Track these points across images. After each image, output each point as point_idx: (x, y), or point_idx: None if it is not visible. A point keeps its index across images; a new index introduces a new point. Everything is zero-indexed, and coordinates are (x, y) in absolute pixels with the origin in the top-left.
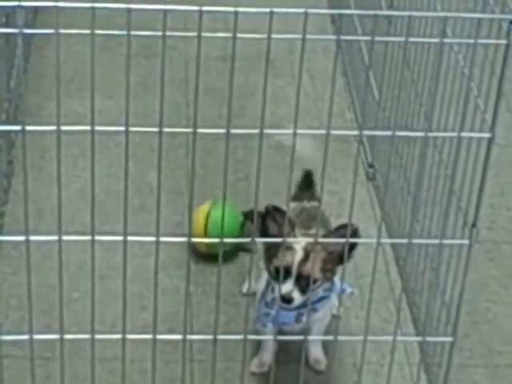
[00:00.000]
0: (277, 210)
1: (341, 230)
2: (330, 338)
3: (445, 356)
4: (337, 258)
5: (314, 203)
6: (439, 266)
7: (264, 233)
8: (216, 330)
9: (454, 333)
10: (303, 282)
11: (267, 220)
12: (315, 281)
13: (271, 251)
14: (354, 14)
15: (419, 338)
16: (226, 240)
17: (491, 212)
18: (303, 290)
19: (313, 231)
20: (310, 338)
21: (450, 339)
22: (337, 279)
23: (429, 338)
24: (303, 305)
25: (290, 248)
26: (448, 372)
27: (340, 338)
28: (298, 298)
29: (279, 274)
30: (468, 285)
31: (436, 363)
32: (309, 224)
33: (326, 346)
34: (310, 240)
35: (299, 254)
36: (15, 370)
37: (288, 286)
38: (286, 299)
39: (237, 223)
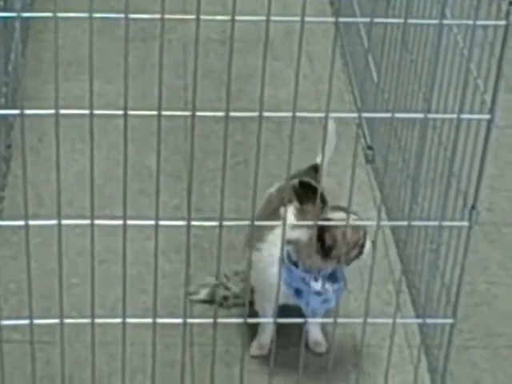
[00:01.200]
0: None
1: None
2: (330, 320)
3: (445, 338)
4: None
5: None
6: (439, 248)
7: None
8: (216, 313)
9: (454, 314)
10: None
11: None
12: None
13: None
14: None
15: (419, 320)
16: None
17: (491, 194)
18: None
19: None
20: (310, 320)
21: (450, 321)
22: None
23: (429, 320)
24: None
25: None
26: (448, 353)
27: (340, 320)
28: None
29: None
30: (468, 267)
31: (436, 345)
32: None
33: (325, 328)
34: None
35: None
36: (15, 354)
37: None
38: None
39: None
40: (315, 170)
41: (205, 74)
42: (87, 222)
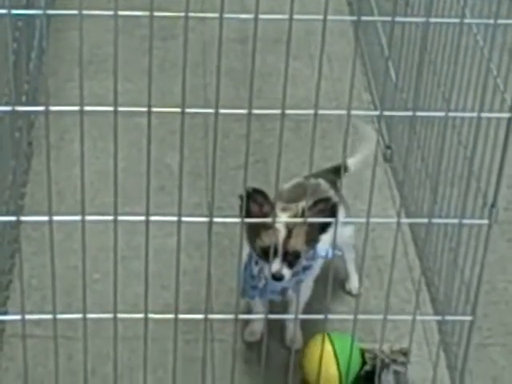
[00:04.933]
0: (256, 191)
1: (319, 205)
2: (350, 316)
3: (464, 335)
4: (319, 228)
5: (319, 181)
6: (458, 247)
7: (246, 214)
8: (237, 309)
9: (474, 312)
10: (290, 258)
11: (248, 201)
12: (300, 254)
13: (254, 231)
14: None
15: (439, 317)
16: None
17: (509, 193)
18: (291, 265)
19: (293, 205)
20: (301, 316)
21: (469, 318)
22: (318, 246)
23: (448, 317)
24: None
25: (272, 227)
26: (467, 351)
27: (360, 316)
28: (287, 273)
29: (265, 253)
30: (486, 265)
31: (455, 343)
32: (296, 198)
33: (303, 325)
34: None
35: (282, 232)
36: (38, 349)
37: (276, 265)
38: (277, 277)
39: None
40: (335, 170)
41: (224, 73)
42: (110, 217)
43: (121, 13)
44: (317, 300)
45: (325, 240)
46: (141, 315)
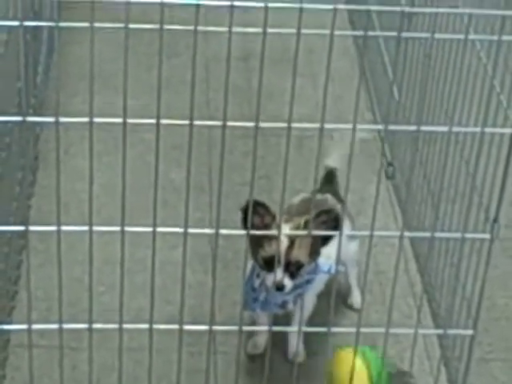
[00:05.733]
0: (257, 203)
1: (321, 216)
2: (353, 329)
3: (465, 350)
4: (321, 240)
5: (327, 196)
6: (460, 262)
7: (247, 225)
8: (241, 321)
9: (475, 326)
10: (292, 268)
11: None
12: (302, 265)
13: (257, 242)
14: (378, 9)
15: (440, 331)
16: None
17: (510, 210)
18: (293, 276)
19: (296, 219)
20: (304, 329)
21: (470, 332)
22: (321, 260)
23: (450, 331)
24: (290, 291)
25: (275, 238)
26: (468, 365)
27: (362, 330)
28: (288, 283)
29: (268, 264)
30: (487, 281)
31: (456, 357)
32: (306, 212)
33: (306, 338)
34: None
35: (285, 243)
36: (43, 359)
37: (279, 275)
38: (279, 287)
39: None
40: (330, 174)
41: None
42: (117, 228)
43: (132, 26)
44: (319, 315)
45: (328, 255)
46: (146, 325)
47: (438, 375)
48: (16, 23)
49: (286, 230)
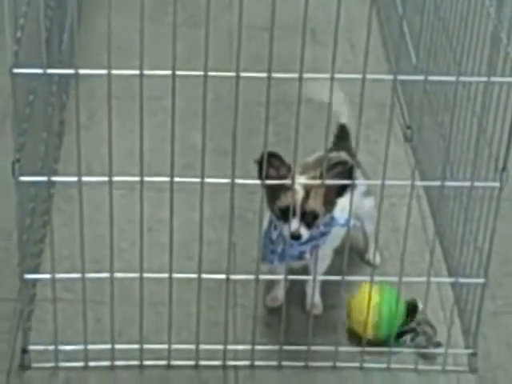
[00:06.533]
0: (272, 155)
1: (337, 167)
2: (366, 278)
3: (477, 301)
4: (336, 191)
5: (342, 154)
6: (470, 212)
7: (265, 178)
8: (258, 270)
9: (486, 274)
10: (308, 218)
11: (266, 165)
12: (318, 215)
13: (273, 194)
14: None
15: (452, 279)
16: None
17: None
18: (309, 225)
19: (311, 172)
20: (319, 278)
21: (481, 280)
22: (337, 213)
23: (461, 280)
24: (306, 241)
25: (290, 189)
26: (480, 314)
27: (376, 278)
28: (305, 233)
29: (284, 214)
30: (500, 238)
31: (469, 310)
32: (316, 167)
33: (324, 292)
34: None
35: (300, 193)
36: (67, 313)
37: (295, 224)
38: (295, 236)
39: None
40: (343, 130)
41: (248, 58)
42: (137, 178)
43: None
44: (337, 270)
45: (344, 208)
46: (165, 275)
47: (450, 324)
48: None
49: (302, 180)
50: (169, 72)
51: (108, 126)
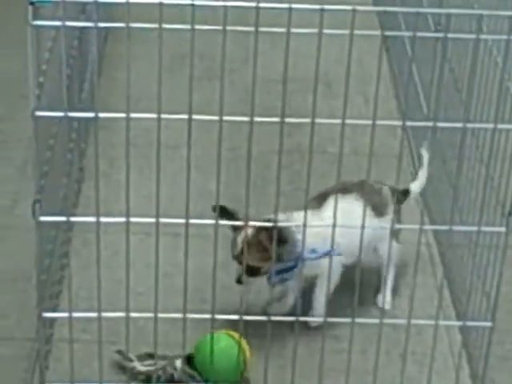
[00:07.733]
0: (224, 209)
1: (261, 233)
2: (376, 321)
3: (485, 345)
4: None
5: (385, 186)
6: (477, 257)
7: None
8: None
9: (493, 318)
10: (248, 269)
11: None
12: (257, 267)
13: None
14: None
15: (460, 323)
16: None
17: None
18: (252, 274)
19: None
20: (329, 320)
21: (489, 324)
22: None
23: (469, 323)
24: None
25: (235, 241)
26: (487, 357)
27: (385, 321)
28: (246, 280)
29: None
30: (509, 281)
31: (477, 354)
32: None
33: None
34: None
35: (238, 247)
36: (83, 353)
37: (239, 271)
38: (239, 282)
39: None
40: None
41: (265, 109)
42: (152, 220)
43: (165, 26)
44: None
45: (319, 235)
46: (179, 315)
47: (458, 369)
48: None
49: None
50: (185, 116)
51: (126, 170)
